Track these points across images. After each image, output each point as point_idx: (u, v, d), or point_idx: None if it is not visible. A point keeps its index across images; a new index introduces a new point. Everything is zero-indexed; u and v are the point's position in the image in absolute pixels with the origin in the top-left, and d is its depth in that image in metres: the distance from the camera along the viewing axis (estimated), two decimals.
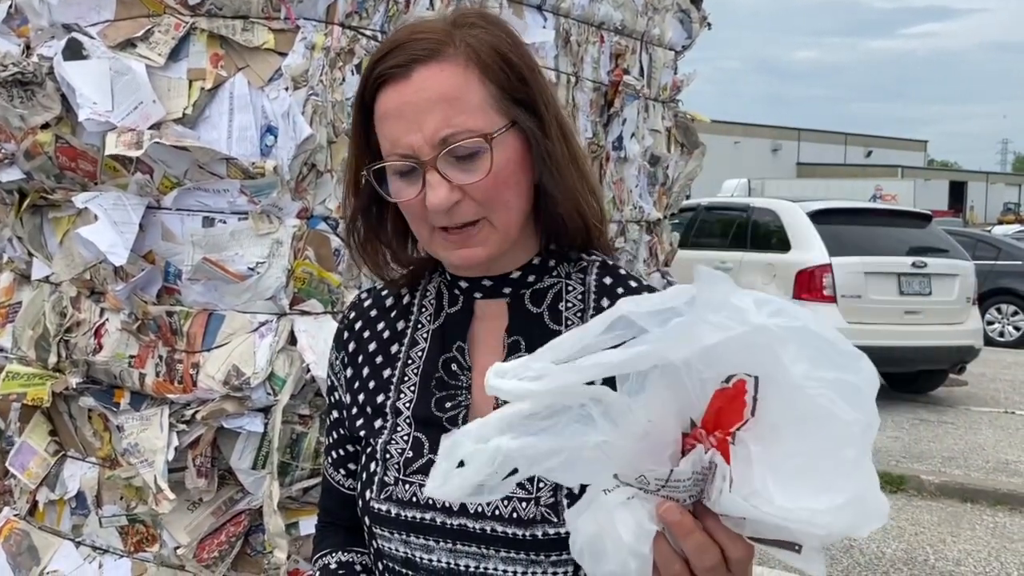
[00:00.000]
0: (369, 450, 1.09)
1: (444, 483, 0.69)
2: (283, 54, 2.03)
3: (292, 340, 2.04)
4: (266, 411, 2.03)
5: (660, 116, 3.39)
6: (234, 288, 2.04)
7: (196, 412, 2.02)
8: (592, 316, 1.04)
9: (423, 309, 1.13)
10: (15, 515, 2.36)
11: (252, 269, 2.03)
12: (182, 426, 2.03)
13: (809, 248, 8.10)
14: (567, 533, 0.96)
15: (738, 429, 0.68)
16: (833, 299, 7.87)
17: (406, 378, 1.09)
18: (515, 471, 0.70)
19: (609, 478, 0.71)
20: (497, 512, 0.99)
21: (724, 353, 0.67)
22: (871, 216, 8.84)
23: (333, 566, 1.14)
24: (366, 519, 1.08)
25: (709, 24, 3.60)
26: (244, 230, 2.04)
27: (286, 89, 2.02)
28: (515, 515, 0.99)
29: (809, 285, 7.95)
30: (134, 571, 2.13)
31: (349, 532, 1.17)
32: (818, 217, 8.31)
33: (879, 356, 7.98)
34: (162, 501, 1.99)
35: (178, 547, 2.06)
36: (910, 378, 8.67)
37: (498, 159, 0.98)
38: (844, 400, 0.65)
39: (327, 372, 1.20)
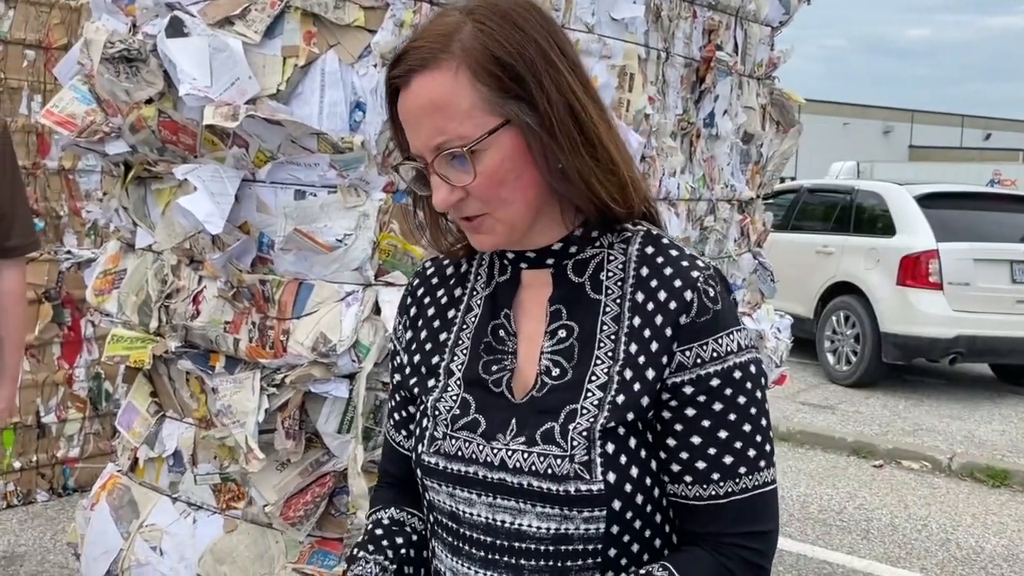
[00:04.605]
0: (423, 407, 1.15)
1: None
2: (373, 31, 2.08)
3: (376, 310, 2.09)
4: (351, 377, 2.09)
5: (755, 93, 3.34)
6: (323, 259, 2.11)
7: (285, 376, 2.10)
8: (631, 285, 1.08)
9: (478, 277, 1.18)
10: (118, 471, 2.49)
11: (340, 241, 2.09)
12: (272, 389, 2.11)
13: (915, 233, 7.82)
14: (599, 490, 1.02)
15: None
16: (939, 286, 7.60)
17: (460, 341, 1.15)
18: None
19: None
20: (534, 468, 1.04)
21: None
22: (983, 200, 8.47)
23: (386, 521, 1.21)
24: (418, 471, 1.14)
25: (808, 0, 3.52)
26: (333, 203, 2.10)
27: (375, 65, 2.07)
28: (550, 471, 1.03)
29: (914, 271, 7.69)
30: (225, 527, 2.23)
31: (403, 492, 1.24)
32: (926, 201, 8.01)
33: (987, 346, 7.70)
34: (252, 460, 2.08)
35: (266, 505, 2.14)
36: (1020, 370, 8.33)
37: (489, 161, 1.03)
38: None
39: (391, 337, 1.26)
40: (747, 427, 1.05)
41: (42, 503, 4.43)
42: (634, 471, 1.04)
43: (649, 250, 1.10)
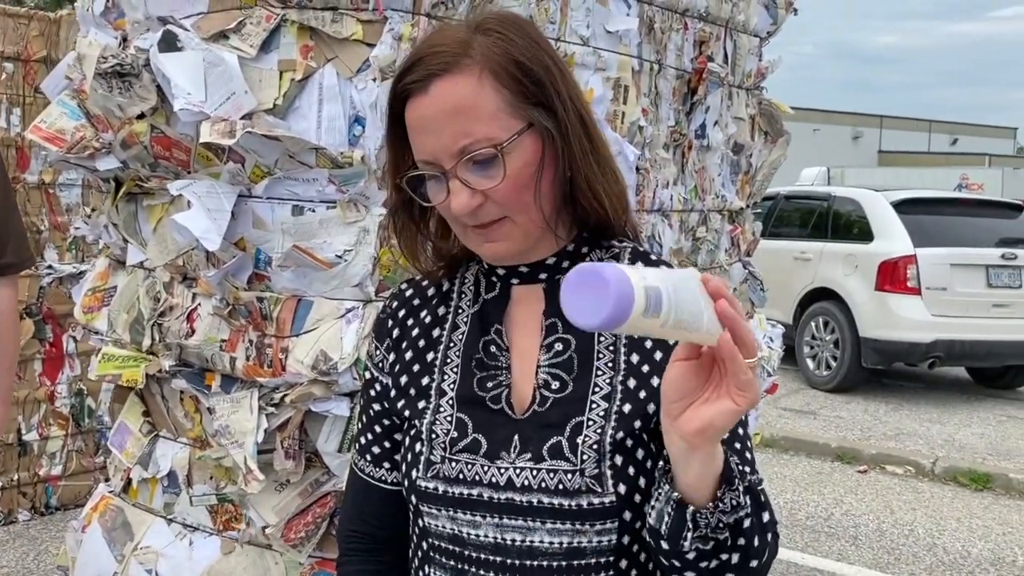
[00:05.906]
0: (413, 432, 1.14)
1: None
2: (371, 45, 2.06)
3: None
4: (352, 395, 2.06)
5: (744, 104, 3.34)
6: (322, 275, 2.08)
7: (285, 395, 2.06)
8: None
9: (463, 295, 1.18)
10: (110, 492, 2.44)
11: (340, 256, 2.07)
12: (271, 409, 2.08)
13: (893, 238, 7.90)
14: (611, 503, 1.04)
15: None
16: (917, 291, 7.68)
17: (449, 360, 1.15)
18: None
19: None
20: (544, 484, 1.05)
21: None
22: (958, 206, 8.58)
23: None
24: (412, 497, 1.13)
25: (795, 10, 3.53)
26: (332, 218, 2.08)
27: (374, 79, 2.04)
28: (561, 486, 1.04)
29: (892, 277, 7.76)
30: (223, 548, 2.19)
31: (375, 559, 1.22)
32: (903, 207, 8.10)
33: (965, 350, 7.84)
34: (251, 481, 2.04)
35: (266, 526, 2.11)
36: (997, 374, 8.43)
37: (514, 163, 1.04)
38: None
39: (365, 366, 1.23)
40: (740, 430, 1.09)
41: (24, 522, 4.36)
42: (642, 481, 1.05)
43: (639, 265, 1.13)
